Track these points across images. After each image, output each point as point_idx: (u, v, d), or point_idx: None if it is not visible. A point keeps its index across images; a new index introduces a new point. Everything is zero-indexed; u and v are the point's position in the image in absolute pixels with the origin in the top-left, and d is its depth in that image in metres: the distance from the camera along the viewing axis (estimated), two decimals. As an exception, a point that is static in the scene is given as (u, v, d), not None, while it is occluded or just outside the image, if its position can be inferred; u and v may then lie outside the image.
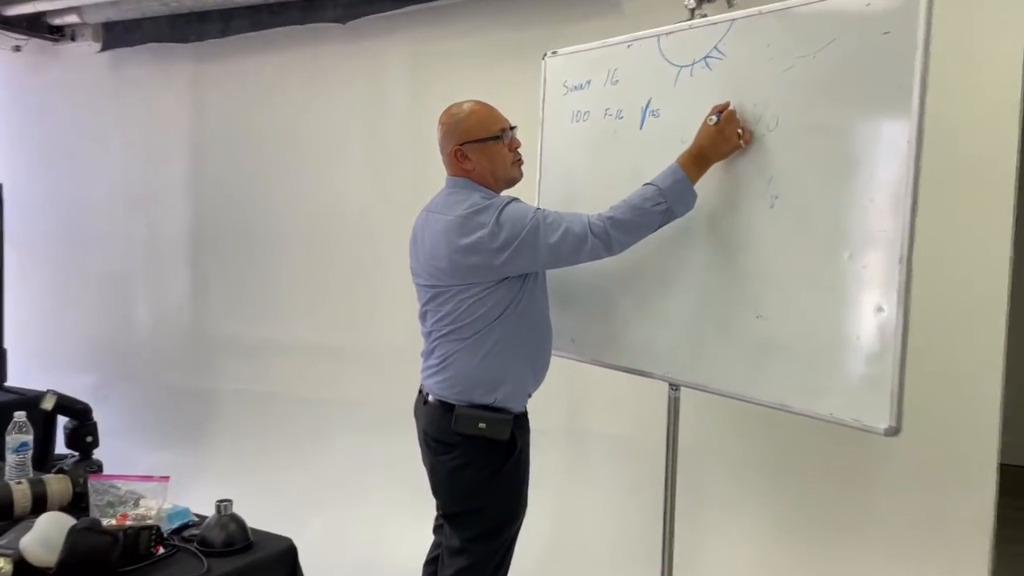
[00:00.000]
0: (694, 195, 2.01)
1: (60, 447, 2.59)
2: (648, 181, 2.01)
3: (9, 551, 1.72)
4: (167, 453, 4.00)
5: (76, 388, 4.10)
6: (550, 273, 2.30)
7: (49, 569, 1.70)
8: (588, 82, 2.37)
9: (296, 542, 1.99)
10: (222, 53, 4.02)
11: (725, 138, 1.98)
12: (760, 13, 1.95)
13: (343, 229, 3.81)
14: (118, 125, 4.37)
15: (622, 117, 2.27)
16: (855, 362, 1.81)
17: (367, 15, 3.49)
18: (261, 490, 3.30)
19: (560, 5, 3.22)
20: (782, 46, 1.91)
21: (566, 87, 2.43)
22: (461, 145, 2.15)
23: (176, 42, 4.03)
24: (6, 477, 2.13)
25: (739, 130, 1.98)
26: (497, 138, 2.16)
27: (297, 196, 3.95)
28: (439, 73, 3.49)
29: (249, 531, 1.95)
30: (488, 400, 2.13)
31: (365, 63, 3.66)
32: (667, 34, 2.16)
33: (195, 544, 1.89)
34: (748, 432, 2.90)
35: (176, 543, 1.90)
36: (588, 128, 2.37)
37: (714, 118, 1.97)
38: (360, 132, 3.71)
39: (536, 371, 2.28)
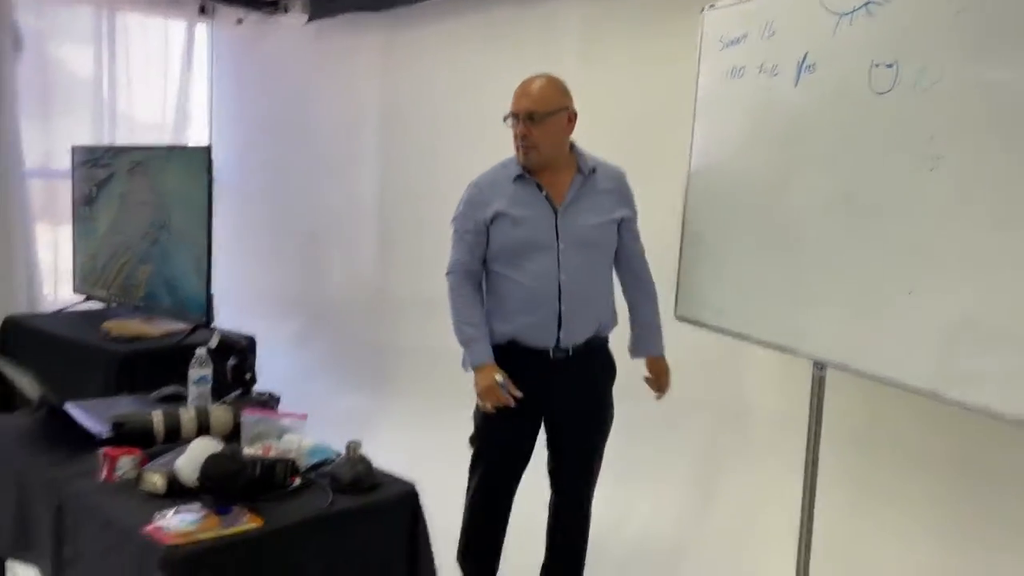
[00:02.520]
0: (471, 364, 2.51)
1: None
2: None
3: (165, 469, 1.88)
4: (352, 398, 4.19)
5: (279, 333, 4.47)
6: (710, 239, 2.36)
7: (194, 488, 1.82)
8: (744, 35, 2.25)
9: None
10: (410, 21, 4.14)
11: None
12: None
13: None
14: (319, 93, 4.60)
15: (776, 73, 2.14)
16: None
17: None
18: (428, 443, 3.42)
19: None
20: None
21: (722, 42, 2.33)
22: None
23: (371, 10, 4.20)
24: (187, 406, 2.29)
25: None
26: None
27: (480, 158, 4.02)
28: (607, 32, 3.44)
29: (376, 472, 2.00)
30: None
31: (538, 25, 3.65)
32: (829, -24, 2.00)
33: (326, 480, 1.95)
34: (903, 418, 2.65)
35: (311, 477, 1.98)
36: (743, 86, 2.27)
37: None
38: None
39: (498, 322, 2.54)
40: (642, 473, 3.34)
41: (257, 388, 2.61)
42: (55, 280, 4.56)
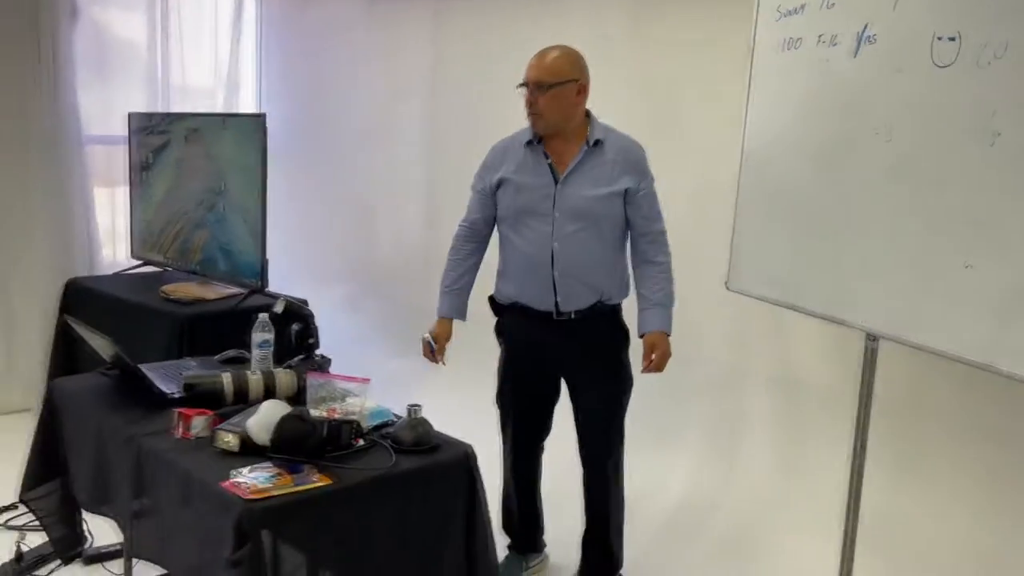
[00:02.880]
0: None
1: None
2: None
3: (237, 429, 1.94)
4: (400, 362, 4.23)
5: (331, 298, 4.54)
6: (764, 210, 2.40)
7: (265, 447, 1.89)
8: (803, 6, 2.22)
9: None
10: None
11: None
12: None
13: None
14: (368, 60, 4.62)
15: (836, 44, 2.11)
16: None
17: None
18: (473, 407, 3.48)
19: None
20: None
21: (779, 12, 2.29)
22: None
23: None
24: (250, 369, 2.36)
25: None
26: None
27: (524, 125, 4.04)
28: (661, 5, 3.39)
29: (434, 434, 2.05)
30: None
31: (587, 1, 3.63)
32: (892, -56, 1.96)
33: (388, 441, 2.01)
34: (952, 390, 2.64)
35: (374, 438, 2.03)
36: (799, 57, 2.24)
37: None
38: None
39: (503, 283, 2.68)
40: (688, 441, 3.37)
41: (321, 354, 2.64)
42: (113, 243, 4.64)
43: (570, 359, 2.63)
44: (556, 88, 2.46)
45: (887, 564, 2.63)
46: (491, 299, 2.73)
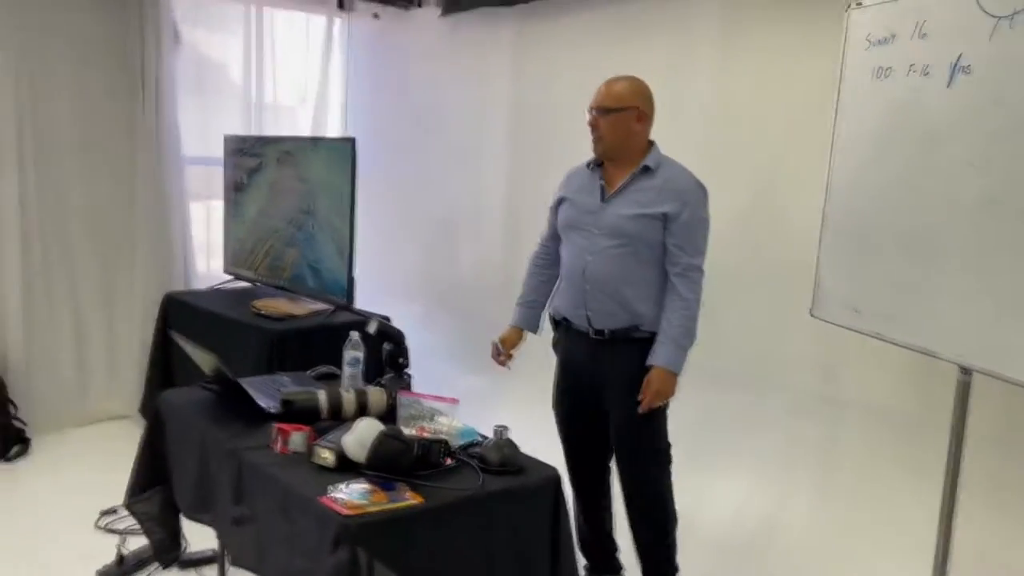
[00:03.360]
0: None
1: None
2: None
3: (333, 446, 2.00)
4: (474, 379, 4.24)
5: (407, 314, 4.58)
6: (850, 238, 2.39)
7: (360, 464, 1.94)
8: (893, 36, 2.19)
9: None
10: (541, 14, 4.12)
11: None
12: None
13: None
14: (450, 86, 4.65)
15: (928, 74, 2.08)
16: None
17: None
18: (546, 427, 3.50)
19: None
20: None
21: (868, 41, 2.27)
22: None
23: (503, 5, 4.19)
24: (341, 387, 2.39)
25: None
26: None
27: None
28: (744, 28, 3.36)
29: (520, 456, 2.07)
30: None
31: (672, 24, 3.60)
32: (988, -20, 1.92)
33: (476, 461, 2.04)
34: None
35: (462, 457, 2.06)
36: (890, 86, 2.21)
37: None
38: (663, 90, 3.71)
39: (558, 295, 2.76)
40: (764, 468, 3.31)
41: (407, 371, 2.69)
42: (207, 258, 4.75)
43: (602, 380, 2.62)
44: (616, 114, 2.55)
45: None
46: (550, 315, 2.81)
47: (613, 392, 2.60)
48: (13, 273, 4.11)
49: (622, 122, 2.55)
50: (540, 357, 4.20)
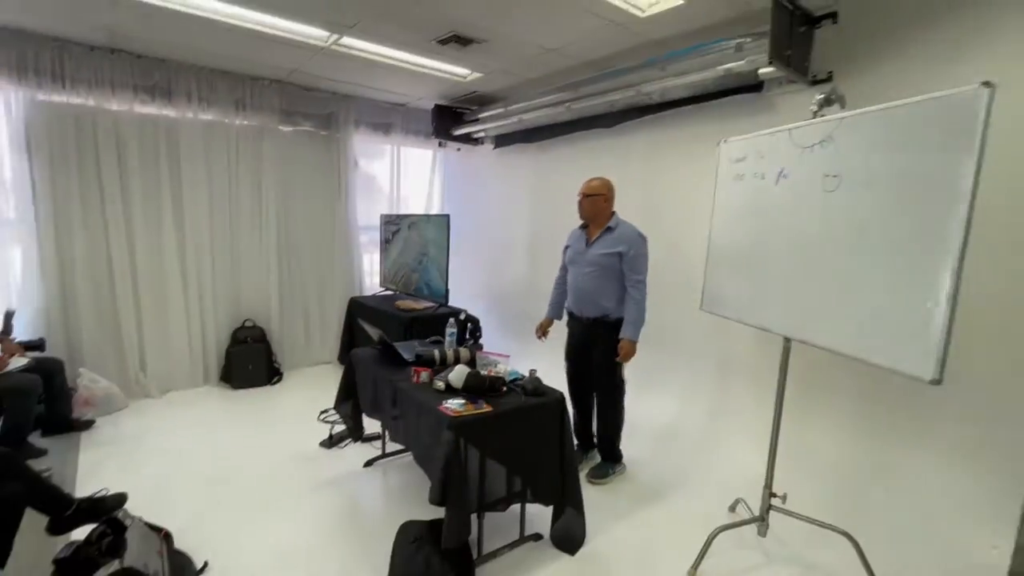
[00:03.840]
0: None
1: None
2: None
3: (443, 379, 2.03)
4: (514, 343, 4.20)
5: (477, 308, 4.57)
6: (721, 265, 2.28)
7: (458, 389, 1.98)
8: (745, 157, 2.15)
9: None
10: (548, 147, 4.14)
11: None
12: (863, 113, 1.64)
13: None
14: (500, 185, 4.64)
15: (764, 178, 2.05)
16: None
17: (623, 122, 3.45)
18: (553, 373, 3.48)
19: (734, 108, 2.91)
20: (878, 136, 1.60)
21: (730, 160, 2.23)
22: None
23: (527, 142, 4.22)
24: (446, 347, 2.42)
25: None
26: None
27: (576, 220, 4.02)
28: (663, 151, 3.33)
29: (543, 387, 2.08)
30: None
31: (620, 149, 3.57)
32: (795, 128, 1.89)
33: (519, 388, 2.06)
34: (828, 368, 2.48)
35: (512, 387, 2.08)
36: (743, 184, 2.17)
37: None
38: (617, 182, 3.50)
39: (569, 299, 2.62)
40: (676, 393, 3.25)
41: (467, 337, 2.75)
42: (371, 277, 4.76)
43: (588, 342, 2.59)
44: (592, 198, 2.52)
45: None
46: (566, 308, 2.74)
47: (596, 350, 2.57)
48: (273, 282, 4.16)
49: (596, 203, 2.53)
50: (552, 333, 4.25)
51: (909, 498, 2.23)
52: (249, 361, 3.91)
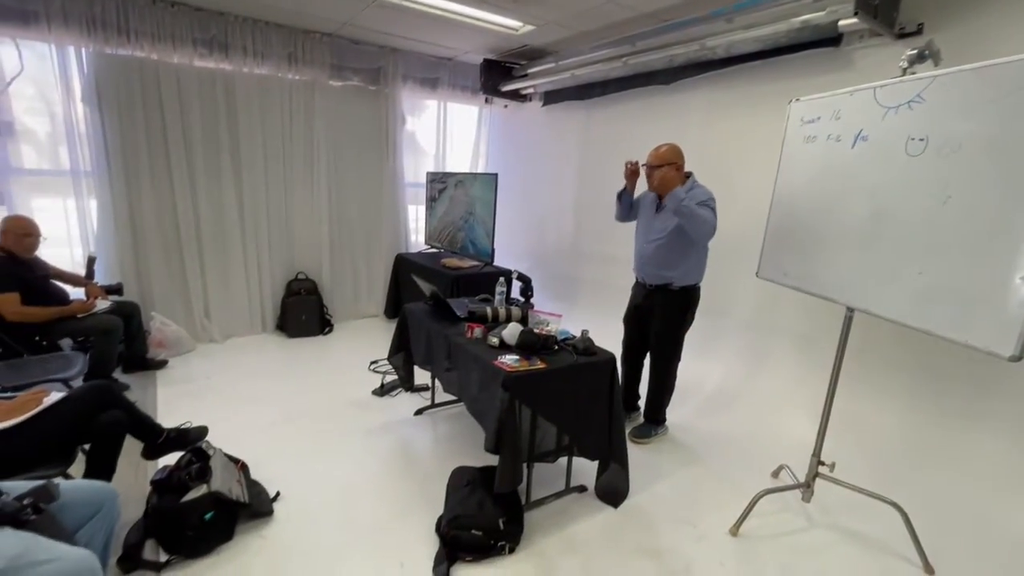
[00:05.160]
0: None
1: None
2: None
3: (497, 336, 2.08)
4: (558, 305, 4.26)
5: (521, 269, 4.63)
6: (783, 232, 2.16)
7: (512, 345, 2.02)
8: (818, 117, 2.03)
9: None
10: (599, 104, 4.01)
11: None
12: (960, 71, 1.52)
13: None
14: (547, 145, 4.55)
15: (839, 140, 1.93)
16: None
17: (681, 79, 3.30)
18: (598, 333, 3.50)
19: (804, 64, 2.72)
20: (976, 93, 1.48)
21: (802, 121, 2.11)
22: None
23: (577, 99, 4.10)
24: (496, 305, 2.43)
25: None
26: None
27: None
28: (724, 111, 3.17)
29: (594, 345, 2.10)
30: None
31: (677, 108, 3.43)
32: (882, 86, 1.76)
33: (570, 347, 2.08)
34: (885, 339, 2.40)
35: (563, 345, 2.11)
36: (814, 147, 2.05)
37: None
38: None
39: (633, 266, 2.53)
40: (730, 360, 3.22)
41: (517, 297, 2.70)
42: (416, 235, 4.82)
43: (649, 308, 2.56)
44: (661, 168, 2.37)
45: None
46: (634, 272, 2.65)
47: (656, 317, 2.53)
48: (324, 236, 4.26)
49: (667, 174, 2.35)
50: (592, 295, 4.27)
51: (961, 474, 2.19)
52: (303, 312, 4.09)
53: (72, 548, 1.16)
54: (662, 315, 2.51)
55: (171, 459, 2.00)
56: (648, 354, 2.65)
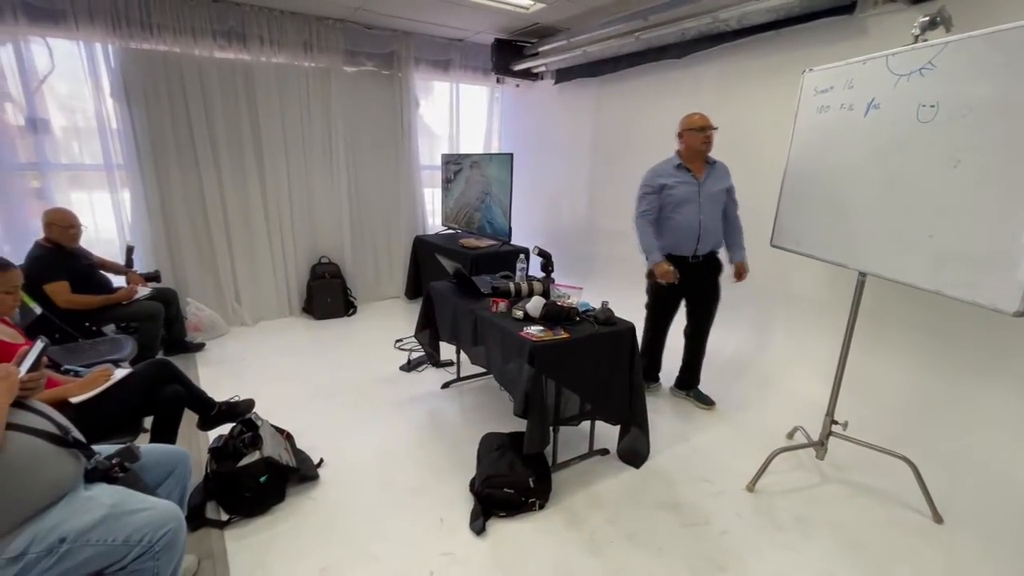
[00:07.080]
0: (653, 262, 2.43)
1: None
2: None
3: (521, 309, 2.16)
4: (577, 279, 4.28)
5: (543, 243, 4.68)
6: (796, 199, 2.23)
7: (535, 318, 2.11)
8: (831, 87, 2.05)
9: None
10: (612, 80, 3.99)
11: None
12: (970, 37, 1.55)
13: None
14: (558, 123, 4.55)
15: (851, 109, 1.96)
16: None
17: (694, 52, 3.28)
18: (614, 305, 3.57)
19: (817, 33, 2.72)
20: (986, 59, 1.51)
21: (815, 91, 2.13)
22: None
23: (590, 76, 4.08)
24: (517, 280, 2.50)
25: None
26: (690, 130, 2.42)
27: (641, 158, 3.65)
28: (737, 83, 3.17)
29: (614, 316, 2.16)
30: None
31: (689, 81, 3.42)
32: (894, 54, 1.79)
33: (592, 318, 2.16)
34: (900, 301, 2.46)
35: (584, 316, 2.19)
36: (827, 116, 2.08)
37: None
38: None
39: (662, 241, 2.49)
40: (749, 326, 3.27)
41: (531, 272, 2.74)
42: (433, 217, 4.88)
43: (693, 283, 2.57)
44: (713, 132, 2.48)
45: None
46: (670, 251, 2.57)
47: (708, 285, 2.60)
48: (345, 220, 4.34)
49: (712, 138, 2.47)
50: (607, 270, 4.30)
51: (973, 430, 2.26)
52: (328, 294, 4.22)
53: (159, 500, 1.32)
54: (713, 284, 2.61)
55: (223, 431, 2.16)
56: (689, 324, 2.73)
